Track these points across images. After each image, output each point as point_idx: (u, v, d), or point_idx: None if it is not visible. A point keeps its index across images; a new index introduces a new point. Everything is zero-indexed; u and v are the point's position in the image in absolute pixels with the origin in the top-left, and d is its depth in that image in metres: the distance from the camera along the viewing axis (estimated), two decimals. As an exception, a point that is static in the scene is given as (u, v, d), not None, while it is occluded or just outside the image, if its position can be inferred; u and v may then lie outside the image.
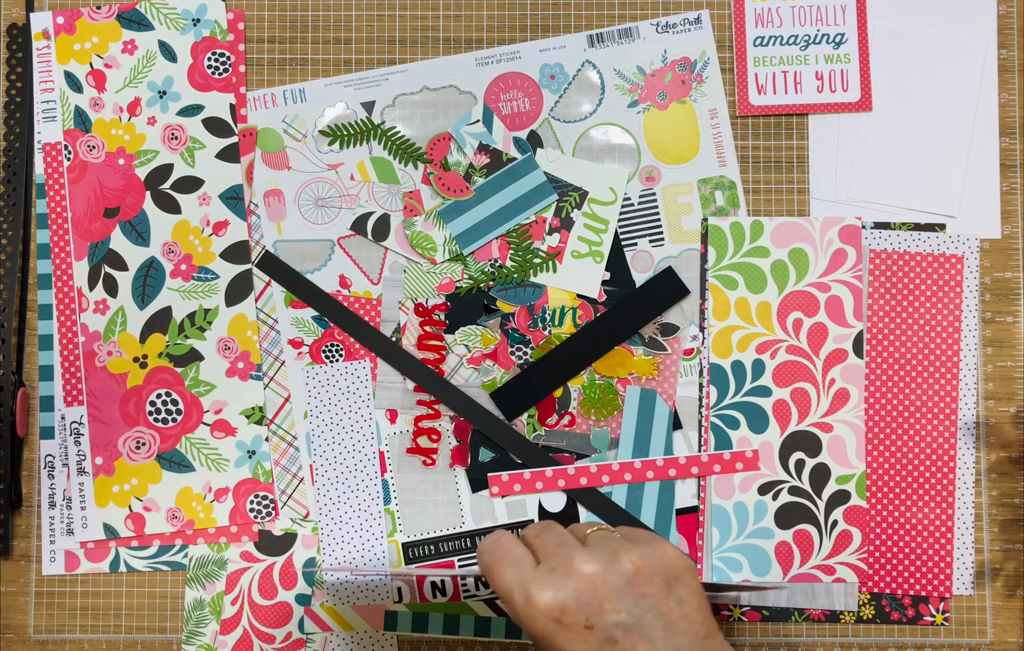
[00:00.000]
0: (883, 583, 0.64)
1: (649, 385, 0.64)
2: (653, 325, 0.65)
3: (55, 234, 0.65)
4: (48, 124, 0.66)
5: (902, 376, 0.64)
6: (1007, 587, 0.64)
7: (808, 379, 0.64)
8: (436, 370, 0.65)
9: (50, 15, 0.66)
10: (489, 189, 0.66)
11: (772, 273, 0.64)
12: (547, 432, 0.65)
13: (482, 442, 0.65)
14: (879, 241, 0.65)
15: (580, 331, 0.65)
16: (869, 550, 0.64)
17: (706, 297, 0.65)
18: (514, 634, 0.64)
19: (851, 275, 0.64)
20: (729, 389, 0.64)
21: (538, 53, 0.66)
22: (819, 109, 0.66)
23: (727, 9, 0.66)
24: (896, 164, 0.65)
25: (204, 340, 0.65)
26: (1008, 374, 0.65)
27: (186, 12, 0.66)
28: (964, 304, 0.64)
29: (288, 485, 0.65)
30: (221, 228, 0.66)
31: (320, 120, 0.66)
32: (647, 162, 0.66)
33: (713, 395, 0.64)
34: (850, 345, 0.64)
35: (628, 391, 0.64)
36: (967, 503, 0.64)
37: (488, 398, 0.65)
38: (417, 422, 0.65)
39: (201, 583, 0.65)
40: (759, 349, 0.64)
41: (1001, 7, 0.66)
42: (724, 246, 0.65)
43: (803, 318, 0.64)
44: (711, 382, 0.64)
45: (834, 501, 0.64)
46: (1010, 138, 0.66)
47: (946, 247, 0.64)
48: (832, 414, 0.64)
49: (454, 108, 0.66)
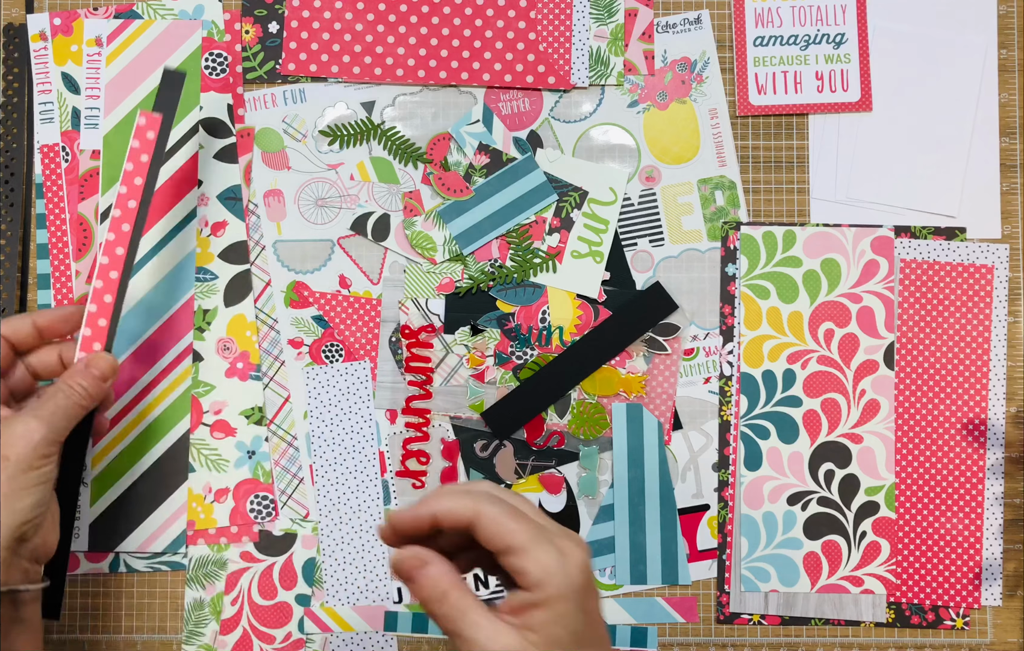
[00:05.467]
0: (911, 594, 0.64)
1: (639, 401, 0.64)
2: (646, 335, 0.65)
3: (53, 234, 0.65)
4: (46, 125, 0.65)
5: (931, 387, 0.64)
6: (1007, 587, 0.64)
7: (839, 390, 0.64)
8: (423, 391, 0.65)
9: (47, 17, 0.66)
10: (489, 189, 0.65)
11: (804, 283, 0.64)
12: (536, 452, 0.65)
13: (471, 464, 0.65)
14: (908, 250, 0.64)
15: (568, 350, 0.65)
16: (897, 560, 0.64)
17: (735, 305, 0.65)
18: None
19: (883, 286, 0.64)
20: (760, 399, 0.64)
21: (538, 53, 0.66)
22: (819, 109, 0.66)
23: (727, 9, 0.66)
24: (896, 164, 0.65)
25: (203, 341, 0.65)
26: (1009, 374, 0.65)
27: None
28: (994, 315, 0.64)
29: (288, 485, 0.65)
30: (219, 228, 0.65)
31: (320, 120, 0.66)
32: (647, 162, 0.66)
33: (744, 405, 0.64)
34: (881, 356, 0.64)
35: (615, 408, 0.64)
36: (996, 514, 0.64)
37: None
38: (406, 445, 0.65)
39: (201, 583, 0.65)
40: (790, 359, 0.64)
41: (1001, 7, 0.66)
42: (756, 255, 0.65)
43: (835, 329, 0.64)
44: (741, 391, 0.64)
45: (863, 512, 0.64)
46: (1010, 138, 0.66)
47: (976, 257, 0.64)
48: (862, 425, 0.64)
49: (454, 108, 0.66)
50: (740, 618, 0.64)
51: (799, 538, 0.64)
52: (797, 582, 0.64)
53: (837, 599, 0.64)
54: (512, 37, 0.65)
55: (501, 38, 0.65)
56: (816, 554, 0.64)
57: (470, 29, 0.65)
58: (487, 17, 0.65)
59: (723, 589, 0.64)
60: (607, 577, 0.65)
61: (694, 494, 0.65)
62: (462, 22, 0.65)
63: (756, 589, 0.64)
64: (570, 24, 0.65)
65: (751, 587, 0.64)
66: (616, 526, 0.64)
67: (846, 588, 0.64)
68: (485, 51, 0.65)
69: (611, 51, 0.65)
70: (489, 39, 0.65)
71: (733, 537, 0.64)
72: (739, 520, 0.64)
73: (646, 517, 0.64)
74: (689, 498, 0.65)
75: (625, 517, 0.64)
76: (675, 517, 0.64)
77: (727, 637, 0.64)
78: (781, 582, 0.64)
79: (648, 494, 0.64)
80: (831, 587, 0.64)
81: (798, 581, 0.64)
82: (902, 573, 0.64)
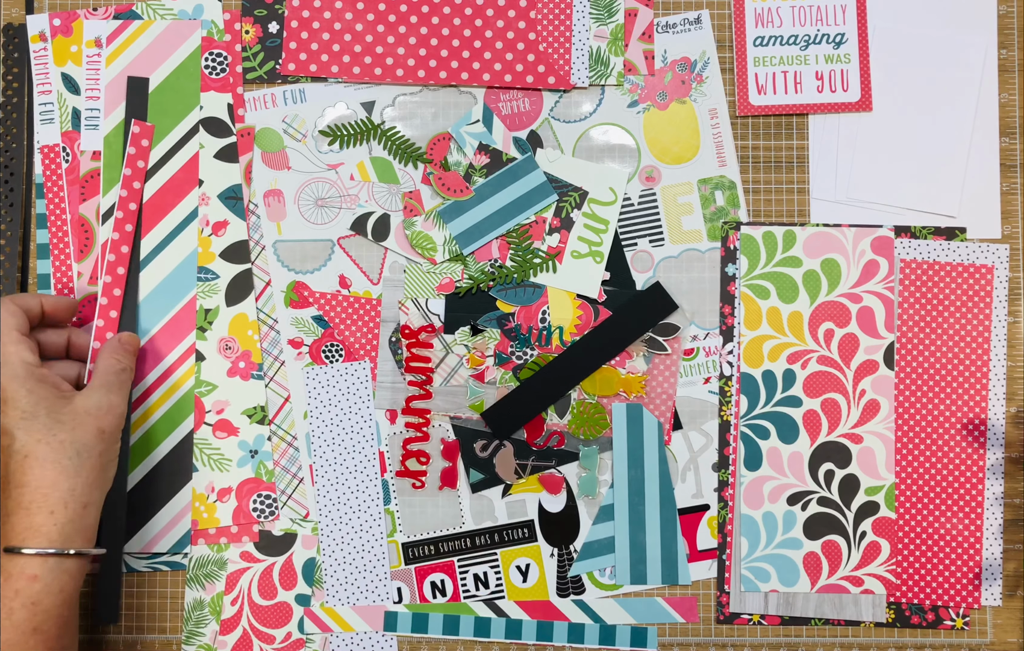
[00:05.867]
0: (911, 593, 0.64)
1: (639, 401, 0.64)
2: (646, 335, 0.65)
3: (54, 235, 0.65)
4: (46, 126, 0.65)
5: (931, 387, 0.64)
6: (1007, 587, 0.64)
7: (839, 390, 0.64)
8: (423, 391, 0.65)
9: (47, 17, 0.66)
10: (489, 189, 0.65)
11: (804, 283, 0.64)
12: (536, 452, 0.65)
13: (471, 464, 0.65)
14: (908, 250, 0.64)
15: (568, 350, 0.65)
16: (897, 560, 0.64)
17: (735, 305, 0.65)
18: (514, 634, 0.64)
19: (883, 286, 0.64)
20: (760, 399, 0.64)
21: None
22: (819, 109, 0.66)
23: (727, 9, 0.66)
24: (896, 164, 0.65)
25: (205, 340, 0.65)
26: (1009, 374, 0.65)
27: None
28: (994, 315, 0.64)
29: (288, 485, 0.65)
30: (220, 228, 0.66)
31: (320, 120, 0.66)
32: (647, 162, 0.66)
33: (744, 405, 0.64)
34: (881, 356, 0.64)
35: (615, 408, 0.64)
36: (996, 514, 0.64)
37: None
38: (406, 445, 0.65)
39: (201, 583, 0.65)
40: (790, 359, 0.64)
41: (1001, 7, 0.66)
42: (756, 255, 0.65)
43: (835, 329, 0.64)
44: (741, 391, 0.64)
45: (863, 512, 0.64)
46: (1010, 138, 0.66)
47: (976, 257, 0.64)
48: (862, 425, 0.64)
49: (454, 108, 0.66)
50: (740, 618, 0.64)
51: (799, 538, 0.64)
52: (797, 582, 0.64)
53: (837, 599, 0.64)
54: (512, 37, 0.65)
55: (501, 38, 0.65)
56: (816, 554, 0.64)
57: (470, 29, 0.65)
58: (487, 17, 0.65)
59: (723, 589, 0.64)
60: (607, 577, 0.65)
61: (694, 494, 0.65)
62: (462, 22, 0.65)
63: (756, 589, 0.64)
64: (570, 24, 0.65)
65: (751, 587, 0.64)
66: (616, 526, 0.64)
67: (846, 588, 0.64)
68: (485, 51, 0.65)
69: (611, 51, 0.65)
70: (489, 39, 0.65)
71: (733, 537, 0.64)
72: (739, 520, 0.64)
73: (646, 517, 0.64)
74: (689, 498, 0.65)
75: (625, 517, 0.64)
76: (675, 517, 0.64)
77: (727, 637, 0.64)
78: (781, 582, 0.64)
79: (648, 494, 0.64)
80: (831, 587, 0.64)
81: (798, 581, 0.64)
82: (902, 573, 0.64)
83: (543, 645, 0.64)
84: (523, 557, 0.65)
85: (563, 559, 0.65)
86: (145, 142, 0.62)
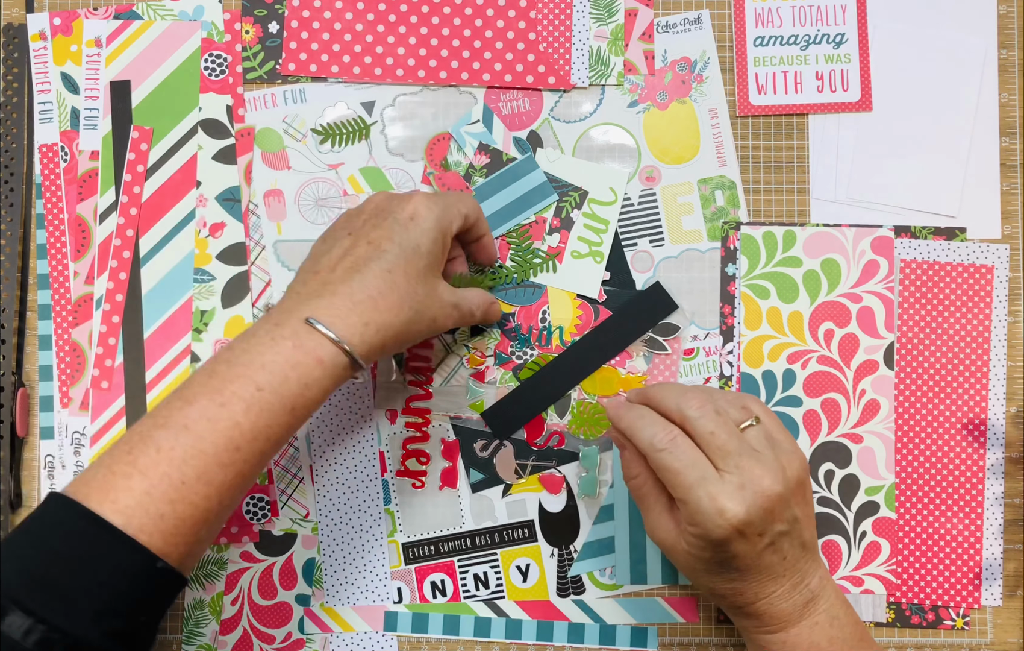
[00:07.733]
0: (911, 594, 0.64)
1: None
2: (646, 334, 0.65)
3: (51, 234, 0.65)
4: (45, 125, 0.65)
5: (931, 387, 0.64)
6: (1007, 587, 0.64)
7: (839, 390, 0.64)
8: (423, 391, 0.65)
9: (47, 17, 0.66)
10: (489, 189, 0.65)
11: (804, 283, 0.64)
12: (536, 452, 0.65)
13: (471, 464, 0.65)
14: (908, 250, 0.64)
15: (568, 350, 0.65)
16: (897, 560, 0.64)
17: (735, 305, 0.65)
18: (514, 634, 0.64)
19: (883, 286, 0.64)
20: (760, 399, 0.64)
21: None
22: (819, 109, 0.66)
23: (727, 9, 0.66)
24: (896, 164, 0.65)
25: (200, 342, 0.65)
26: (1009, 374, 0.65)
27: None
28: (994, 314, 0.64)
29: (288, 485, 0.65)
30: (218, 230, 0.65)
31: (320, 120, 0.66)
32: (647, 162, 0.66)
33: None
34: (881, 356, 0.64)
35: None
36: (996, 514, 0.64)
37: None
38: (405, 445, 0.65)
39: (201, 583, 0.65)
40: (790, 359, 0.64)
41: (1001, 7, 0.66)
42: (756, 255, 0.65)
43: (835, 329, 0.64)
44: (741, 391, 0.64)
45: (863, 512, 0.64)
46: (1010, 138, 0.66)
47: (976, 257, 0.64)
48: (862, 425, 0.64)
49: (454, 108, 0.66)
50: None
51: (799, 538, 0.64)
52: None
53: (837, 599, 0.64)
54: (512, 37, 0.65)
55: (501, 38, 0.65)
56: (816, 554, 0.64)
57: (470, 29, 0.65)
58: (487, 17, 0.65)
59: (723, 589, 0.64)
60: (607, 577, 0.65)
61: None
62: (462, 22, 0.65)
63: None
64: (570, 24, 0.65)
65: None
66: (616, 526, 0.64)
67: (846, 588, 0.64)
68: (485, 51, 0.65)
69: (611, 51, 0.65)
70: (489, 39, 0.65)
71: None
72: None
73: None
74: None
75: (625, 517, 0.64)
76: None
77: (727, 637, 0.64)
78: (781, 582, 0.64)
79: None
80: (831, 587, 0.64)
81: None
82: (902, 573, 0.64)
83: (543, 645, 0.64)
84: (523, 557, 0.65)
85: (563, 559, 0.65)
86: (144, 146, 0.62)
